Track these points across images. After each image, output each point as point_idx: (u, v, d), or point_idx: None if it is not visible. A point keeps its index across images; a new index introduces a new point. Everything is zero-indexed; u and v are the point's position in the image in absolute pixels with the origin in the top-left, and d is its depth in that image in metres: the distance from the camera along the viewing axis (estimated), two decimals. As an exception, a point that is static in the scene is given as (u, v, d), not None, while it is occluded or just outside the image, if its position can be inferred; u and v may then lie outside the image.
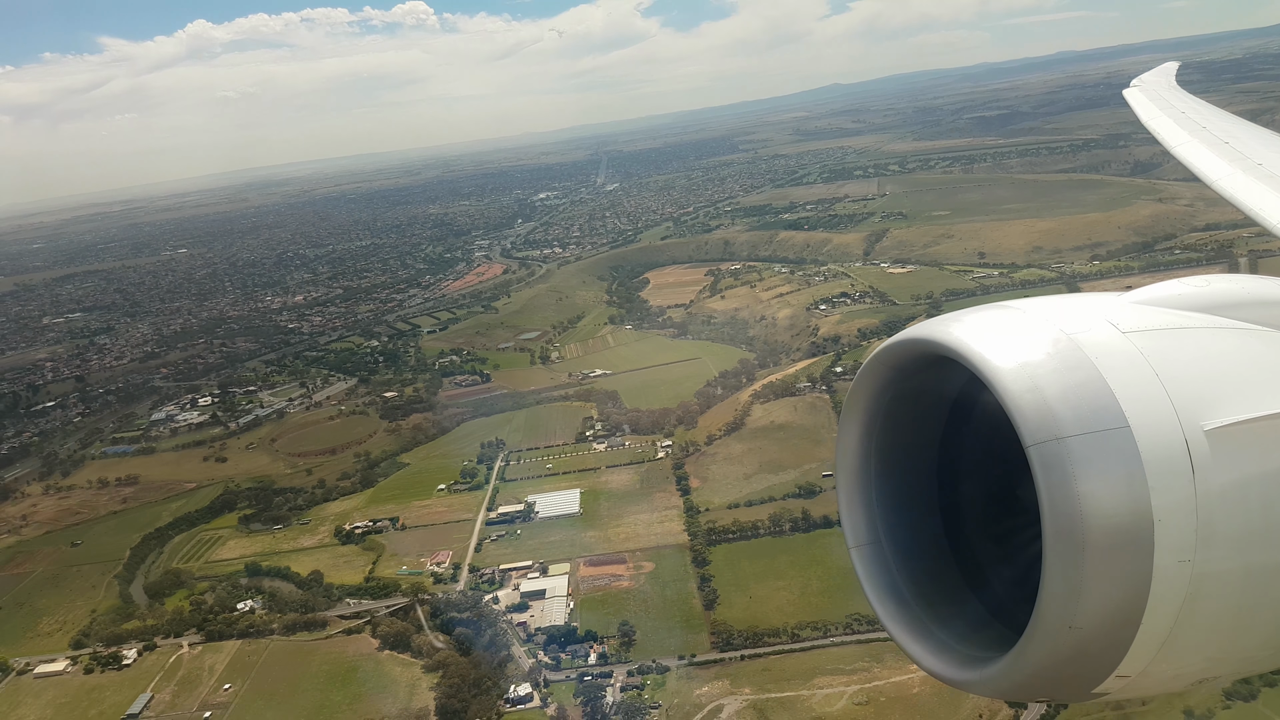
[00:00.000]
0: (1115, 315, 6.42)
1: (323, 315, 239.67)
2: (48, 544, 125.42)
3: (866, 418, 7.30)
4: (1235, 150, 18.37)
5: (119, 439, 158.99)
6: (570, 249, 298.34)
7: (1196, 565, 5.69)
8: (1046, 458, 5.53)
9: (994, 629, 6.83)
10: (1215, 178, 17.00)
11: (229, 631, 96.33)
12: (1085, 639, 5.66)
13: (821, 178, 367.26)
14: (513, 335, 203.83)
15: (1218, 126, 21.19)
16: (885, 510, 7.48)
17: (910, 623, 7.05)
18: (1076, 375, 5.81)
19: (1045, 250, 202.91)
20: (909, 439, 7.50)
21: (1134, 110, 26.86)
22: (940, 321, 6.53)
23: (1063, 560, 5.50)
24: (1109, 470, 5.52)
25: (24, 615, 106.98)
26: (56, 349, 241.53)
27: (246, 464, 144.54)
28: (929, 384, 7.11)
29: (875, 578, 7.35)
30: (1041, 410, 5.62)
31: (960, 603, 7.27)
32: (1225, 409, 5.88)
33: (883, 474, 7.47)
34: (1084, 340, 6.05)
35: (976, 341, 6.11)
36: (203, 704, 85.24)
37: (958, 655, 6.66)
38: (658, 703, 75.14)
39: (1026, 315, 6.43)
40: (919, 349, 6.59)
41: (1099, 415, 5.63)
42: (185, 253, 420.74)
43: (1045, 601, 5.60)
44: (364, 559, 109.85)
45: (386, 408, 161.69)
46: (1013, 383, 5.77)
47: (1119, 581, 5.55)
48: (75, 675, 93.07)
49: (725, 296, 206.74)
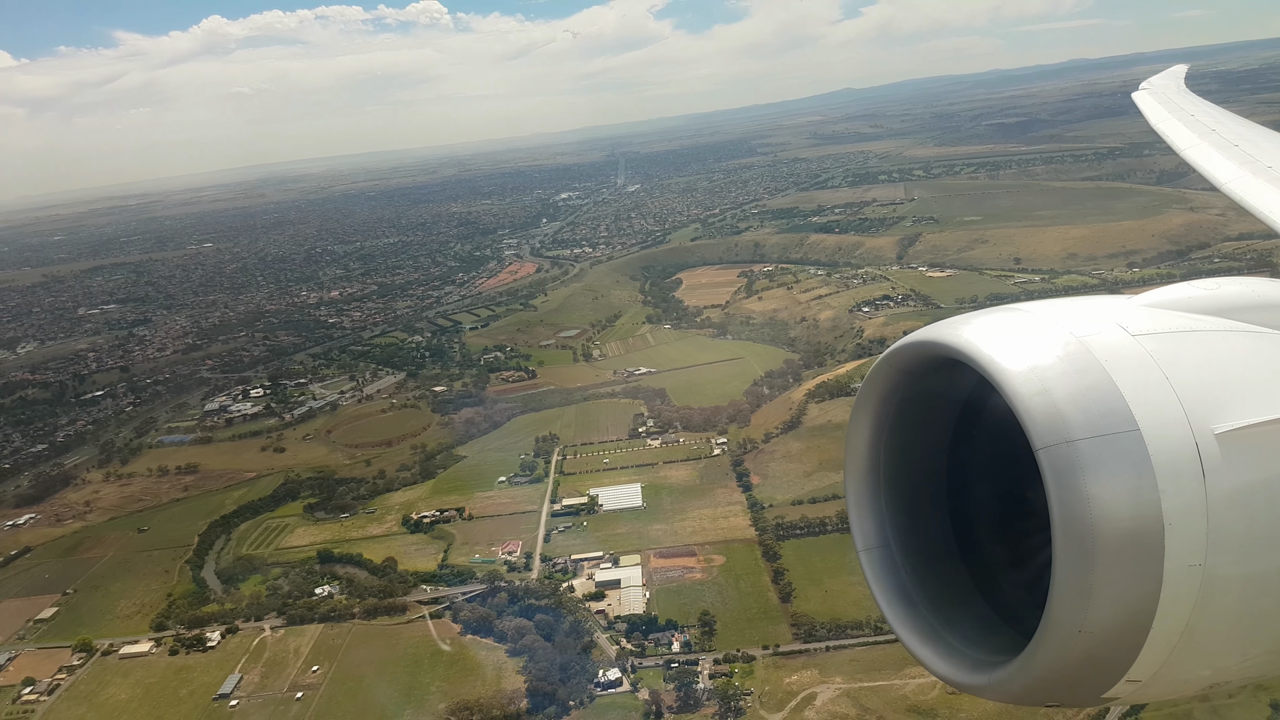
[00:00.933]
0: (1125, 318, 6.46)
1: (361, 311, 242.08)
2: (114, 529, 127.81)
3: (875, 421, 7.33)
4: (1245, 153, 18.30)
5: (174, 428, 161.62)
6: (600, 249, 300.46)
7: (1207, 569, 5.68)
8: (1056, 461, 5.57)
9: (1003, 633, 6.86)
10: (1225, 180, 17.01)
11: (310, 615, 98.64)
12: (1095, 643, 5.67)
13: (846, 181, 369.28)
14: (553, 333, 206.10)
15: (1227, 129, 21.23)
16: (894, 514, 7.51)
17: (919, 627, 7.05)
18: (1086, 378, 5.84)
19: (1080, 257, 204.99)
20: (918, 442, 7.51)
21: (1143, 113, 26.98)
22: (949, 324, 6.58)
23: (1072, 564, 5.52)
24: (1119, 473, 5.54)
25: (100, 598, 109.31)
26: (96, 339, 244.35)
27: (305, 454, 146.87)
28: (938, 387, 7.14)
29: (884, 581, 7.37)
30: (1051, 413, 5.66)
31: (969, 606, 7.29)
32: (1236, 412, 5.89)
33: (891, 477, 7.49)
34: (1093, 343, 6.08)
35: (986, 344, 6.15)
36: (292, 685, 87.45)
37: (967, 659, 6.69)
38: (749, 690, 77.21)
39: (1035, 318, 6.46)
40: (928, 351, 6.62)
41: (1109, 418, 5.66)
42: (211, 247, 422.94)
43: (1055, 605, 5.63)
44: (434, 547, 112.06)
45: (437, 402, 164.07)
46: (1022, 385, 5.81)
47: (1129, 585, 5.56)
48: (160, 656, 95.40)
49: (763, 298, 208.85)
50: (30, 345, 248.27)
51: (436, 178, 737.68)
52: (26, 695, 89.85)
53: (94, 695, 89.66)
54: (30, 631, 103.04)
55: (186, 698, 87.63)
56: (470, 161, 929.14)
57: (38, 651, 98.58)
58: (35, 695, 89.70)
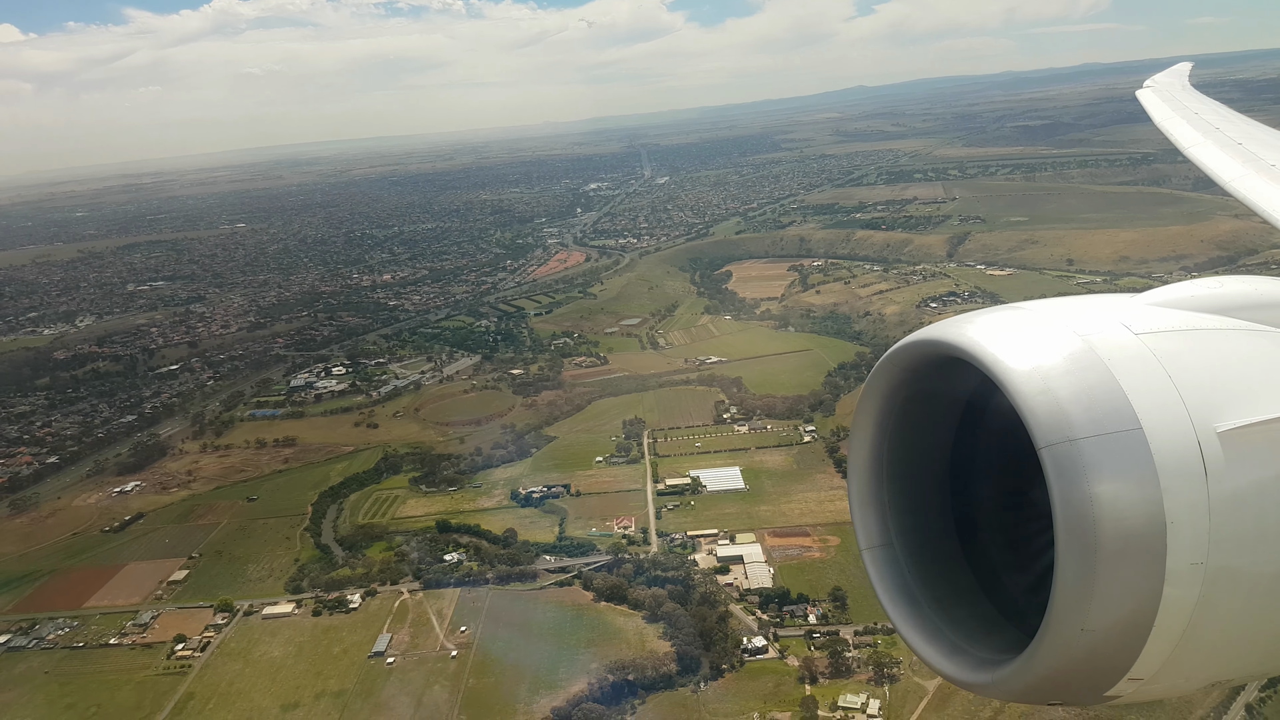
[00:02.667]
0: (1128, 317, 6.48)
1: (420, 294, 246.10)
2: (221, 498, 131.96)
3: (879, 419, 7.39)
4: (1248, 151, 18.32)
5: (263, 403, 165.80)
6: (644, 240, 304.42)
7: (1209, 568, 5.69)
8: (1059, 459, 5.60)
9: (1006, 631, 6.92)
10: (1229, 179, 17.00)
11: (444, 580, 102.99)
12: (1098, 641, 5.69)
13: (881, 179, 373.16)
14: (615, 320, 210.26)
15: (1231, 128, 21.31)
16: (897, 512, 7.55)
17: (923, 625, 7.11)
18: (1089, 377, 5.87)
19: (1132, 260, 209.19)
20: (921, 440, 7.57)
21: (1147, 111, 27.04)
22: (953, 322, 6.65)
23: (1075, 562, 5.55)
24: (1122, 472, 5.57)
25: (226, 563, 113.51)
26: (154, 315, 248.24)
27: (397, 431, 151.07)
28: (942, 385, 7.17)
29: (887, 580, 7.43)
30: (1054, 412, 5.70)
31: (972, 605, 7.33)
32: (1238, 411, 5.91)
33: (895, 476, 7.54)
34: (1097, 342, 6.10)
35: (989, 343, 6.19)
36: (444, 644, 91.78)
37: (970, 658, 6.74)
38: (899, 659, 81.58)
39: (1039, 316, 6.51)
40: (932, 350, 6.66)
41: (1112, 417, 5.69)
42: (244, 227, 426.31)
43: (1058, 604, 5.66)
44: (548, 521, 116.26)
45: (516, 384, 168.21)
46: (1025, 384, 5.85)
47: (1132, 584, 5.59)
48: (304, 617, 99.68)
49: (820, 292, 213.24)
50: (88, 319, 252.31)
51: (454, 164, 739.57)
52: (180, 651, 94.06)
53: (246, 652, 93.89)
54: (166, 593, 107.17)
55: (341, 655, 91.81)
56: (485, 149, 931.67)
57: (178, 611, 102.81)
58: (189, 651, 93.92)
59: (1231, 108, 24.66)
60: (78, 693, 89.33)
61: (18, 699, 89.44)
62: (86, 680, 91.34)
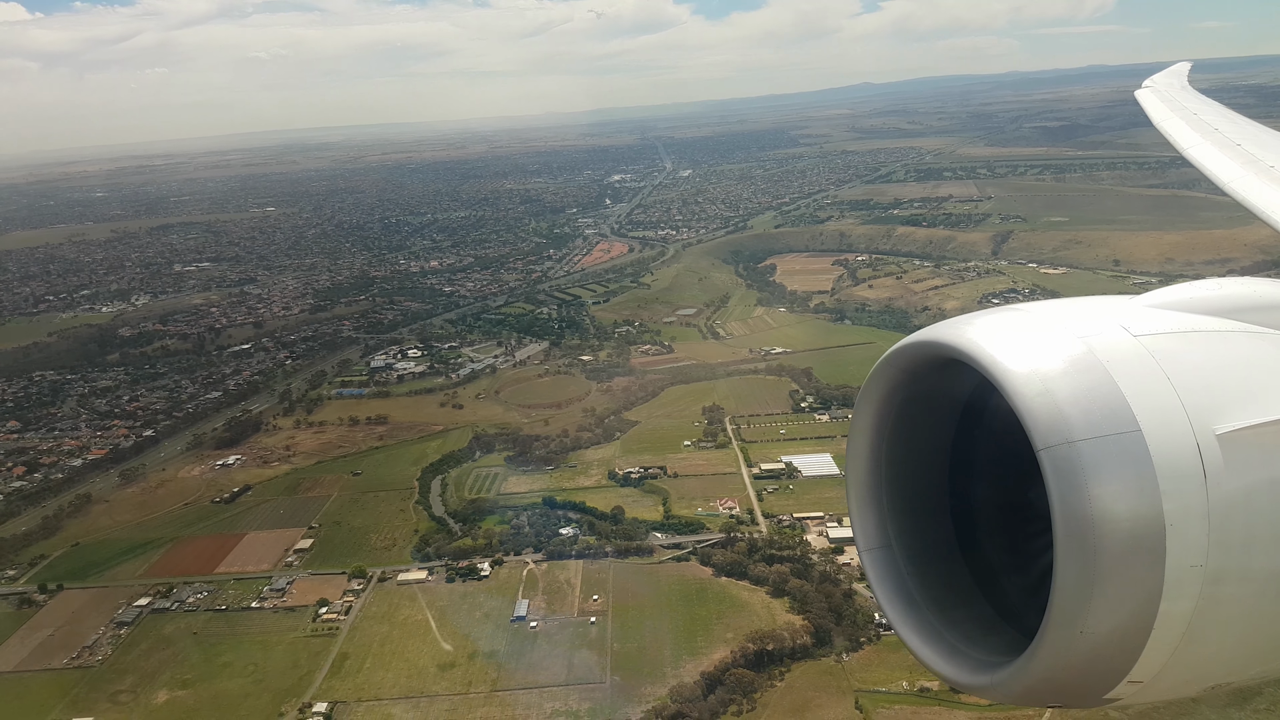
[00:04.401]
0: (1127, 318, 6.51)
1: (473, 281, 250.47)
2: (324, 472, 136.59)
3: (877, 421, 7.40)
4: (1247, 153, 18.28)
5: (347, 382, 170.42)
6: (683, 232, 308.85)
7: (1209, 570, 5.72)
8: (1058, 461, 5.63)
9: (1005, 633, 6.95)
10: (1227, 180, 16.97)
11: (566, 551, 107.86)
12: (1097, 644, 5.73)
13: (911, 177, 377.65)
14: (671, 310, 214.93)
15: (1230, 129, 21.29)
16: (896, 514, 7.57)
17: (921, 627, 7.14)
18: (1088, 378, 5.89)
19: (1178, 262, 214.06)
20: (920, 442, 7.57)
21: (1146, 111, 26.85)
22: (951, 324, 6.69)
23: (1074, 565, 5.58)
24: (1120, 474, 5.59)
25: (346, 533, 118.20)
26: (209, 295, 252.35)
27: (482, 412, 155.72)
28: (940, 386, 7.20)
29: (886, 581, 7.47)
30: (1053, 413, 5.72)
31: (971, 607, 7.35)
32: (1237, 413, 5.95)
33: (893, 477, 7.55)
34: (1095, 343, 6.13)
35: (988, 344, 6.22)
36: (580, 610, 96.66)
37: (969, 660, 6.79)
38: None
39: (1038, 318, 6.54)
40: (930, 351, 6.71)
41: (1110, 419, 5.71)
42: (273, 211, 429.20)
43: (1056, 606, 5.69)
44: (650, 500, 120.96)
45: (588, 370, 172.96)
46: (1024, 386, 5.88)
47: (1131, 586, 5.61)
48: (437, 583, 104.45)
49: (873, 286, 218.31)
50: (144, 298, 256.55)
51: (467, 153, 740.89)
52: (325, 614, 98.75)
53: (390, 615, 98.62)
54: (296, 559, 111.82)
55: (483, 619, 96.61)
56: (494, 138, 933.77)
57: (311, 578, 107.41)
58: (333, 615, 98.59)
59: (1248, 113, 24.58)
60: (230, 652, 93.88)
61: (172, 657, 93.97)
62: (236, 641, 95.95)
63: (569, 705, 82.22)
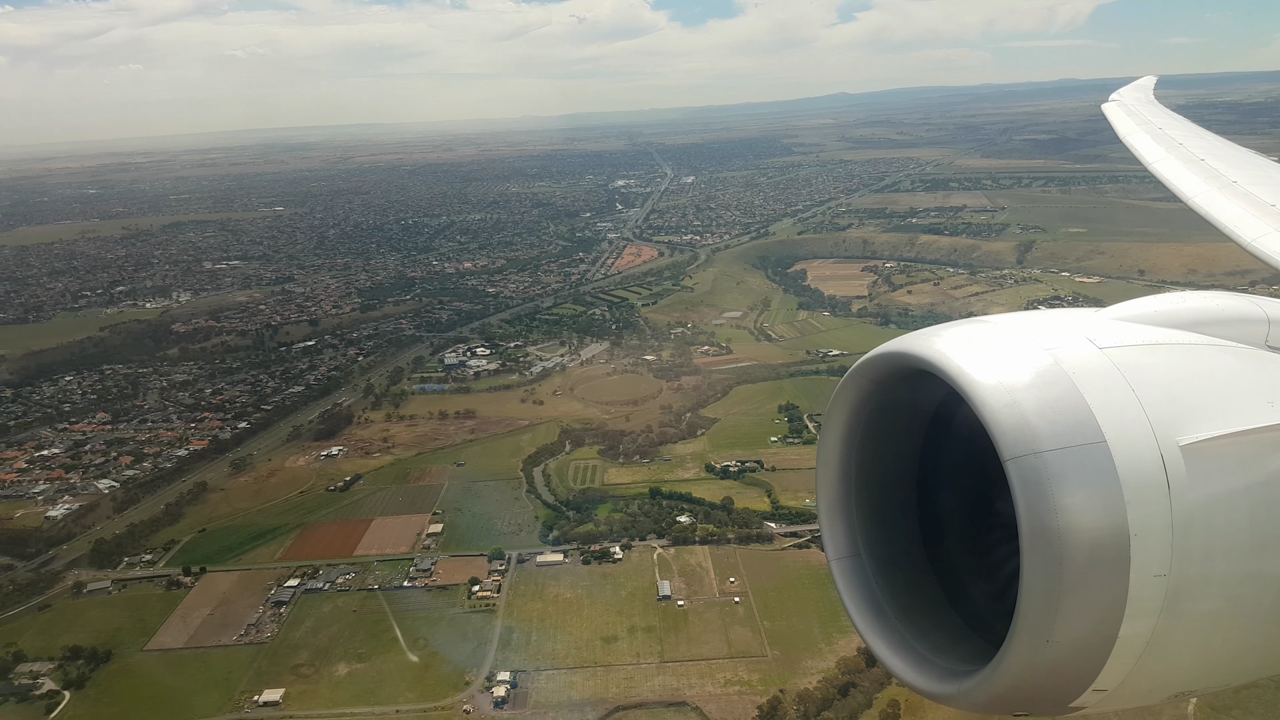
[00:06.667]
0: (1093, 331, 6.63)
1: (513, 283, 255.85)
2: (426, 463, 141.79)
3: (846, 431, 7.53)
4: (1210, 167, 18.53)
5: (426, 378, 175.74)
6: (706, 237, 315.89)
7: (1172, 579, 5.85)
8: (1024, 472, 5.72)
9: (972, 642, 7.03)
10: (1191, 194, 17.26)
11: (690, 538, 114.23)
12: (1062, 653, 5.80)
13: (918, 186, 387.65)
14: (717, 313, 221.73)
15: (1195, 144, 21.65)
16: (865, 523, 7.70)
17: (889, 636, 7.26)
18: (1054, 390, 6.00)
19: (1200, 273, 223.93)
20: (888, 452, 7.69)
21: (1112, 125, 27.53)
22: (920, 335, 6.77)
23: (1040, 574, 5.66)
24: (1085, 485, 5.69)
25: (470, 519, 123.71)
26: (252, 293, 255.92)
27: (562, 407, 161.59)
28: (908, 397, 7.33)
29: (855, 591, 7.64)
30: (1019, 425, 5.83)
31: (939, 616, 7.46)
32: (1200, 424, 6.07)
33: (862, 487, 7.66)
34: (1062, 355, 6.25)
35: (956, 355, 6.31)
36: (720, 591, 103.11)
37: (936, 669, 6.88)
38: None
39: (1005, 330, 6.70)
40: (899, 362, 6.81)
41: (1076, 430, 5.80)
42: (282, 210, 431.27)
43: (1022, 615, 5.76)
44: (754, 491, 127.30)
45: (654, 369, 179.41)
46: (991, 397, 5.97)
47: (1095, 596, 5.71)
48: (574, 565, 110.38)
49: (912, 291, 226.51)
50: (184, 295, 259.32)
51: (457, 156, 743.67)
52: (478, 592, 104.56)
53: (539, 594, 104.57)
54: (431, 543, 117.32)
55: (629, 598, 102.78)
56: (479, 141, 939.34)
57: (451, 559, 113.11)
58: (486, 593, 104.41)
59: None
60: (397, 628, 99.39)
61: (339, 633, 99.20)
62: (398, 617, 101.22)
63: (738, 675, 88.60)
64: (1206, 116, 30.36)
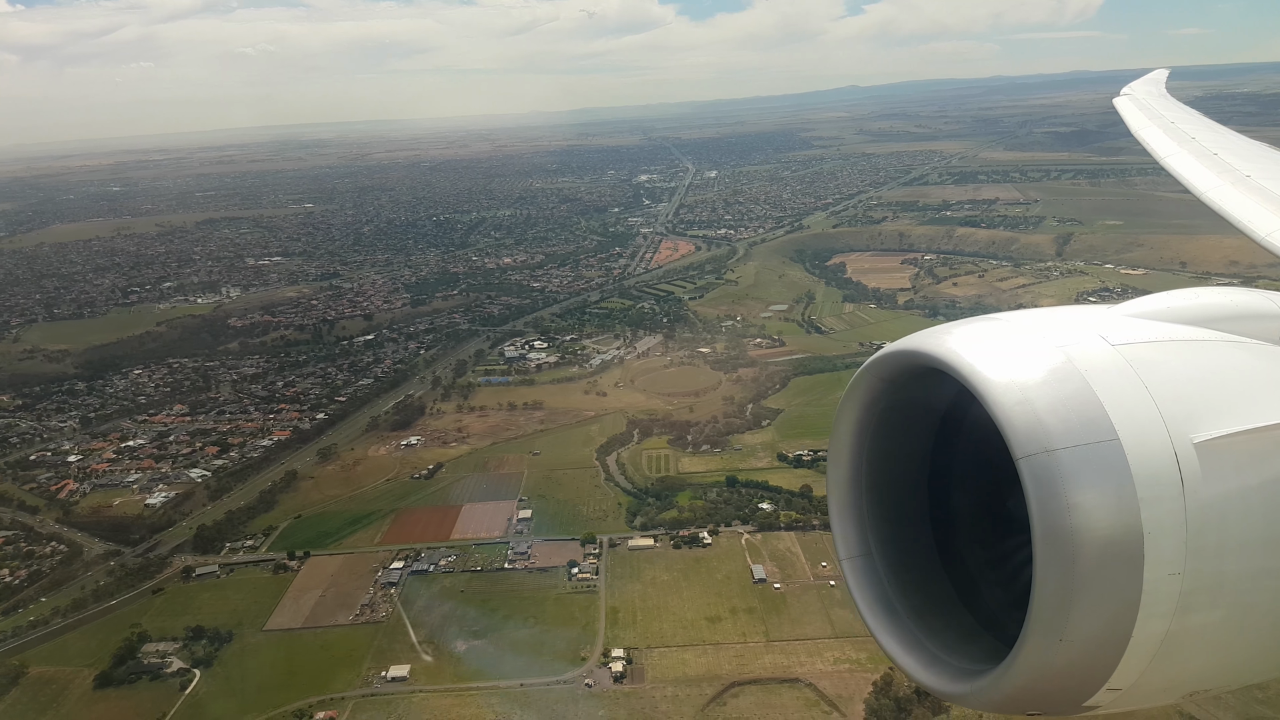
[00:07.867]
0: (1105, 328, 6.65)
1: (556, 278, 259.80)
2: (502, 452, 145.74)
3: (858, 429, 7.58)
4: (1223, 162, 18.43)
5: (490, 371, 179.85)
6: (740, 231, 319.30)
7: (1186, 578, 5.83)
8: (1037, 470, 5.73)
9: (985, 641, 7.07)
10: (1204, 189, 17.19)
11: (775, 524, 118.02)
12: (1076, 652, 5.82)
13: (948, 180, 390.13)
14: (764, 306, 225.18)
15: (1207, 138, 21.43)
16: (876, 522, 7.72)
17: (902, 635, 7.27)
18: (1066, 388, 6.01)
19: (1242, 265, 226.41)
20: (900, 450, 7.73)
21: (1124, 119, 27.12)
22: (932, 333, 6.82)
23: (1053, 573, 5.67)
24: (1099, 483, 5.70)
25: (554, 505, 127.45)
26: (301, 289, 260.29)
27: (626, 399, 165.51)
28: (920, 395, 7.39)
29: (866, 590, 7.60)
30: (1032, 422, 5.83)
31: (951, 615, 7.50)
32: (1214, 422, 6.06)
33: (874, 486, 7.70)
34: (1074, 353, 6.25)
35: (968, 353, 6.33)
36: (814, 575, 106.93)
37: (949, 668, 6.90)
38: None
39: (1017, 327, 6.73)
40: (910, 360, 6.85)
41: (1089, 428, 5.82)
42: (311, 207, 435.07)
43: (1035, 614, 5.77)
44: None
45: (710, 361, 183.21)
46: (1003, 395, 5.98)
47: (1109, 594, 5.71)
48: (665, 549, 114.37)
49: (957, 284, 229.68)
50: (234, 290, 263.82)
51: (473, 152, 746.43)
52: (578, 574, 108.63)
53: (637, 576, 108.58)
54: (523, 528, 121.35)
55: (724, 581, 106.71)
56: (492, 137, 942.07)
57: (545, 543, 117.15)
58: (586, 575, 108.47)
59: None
60: (505, 607, 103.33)
61: (451, 612, 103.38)
62: (503, 597, 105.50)
63: (846, 654, 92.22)
64: (1225, 109, 28.48)
